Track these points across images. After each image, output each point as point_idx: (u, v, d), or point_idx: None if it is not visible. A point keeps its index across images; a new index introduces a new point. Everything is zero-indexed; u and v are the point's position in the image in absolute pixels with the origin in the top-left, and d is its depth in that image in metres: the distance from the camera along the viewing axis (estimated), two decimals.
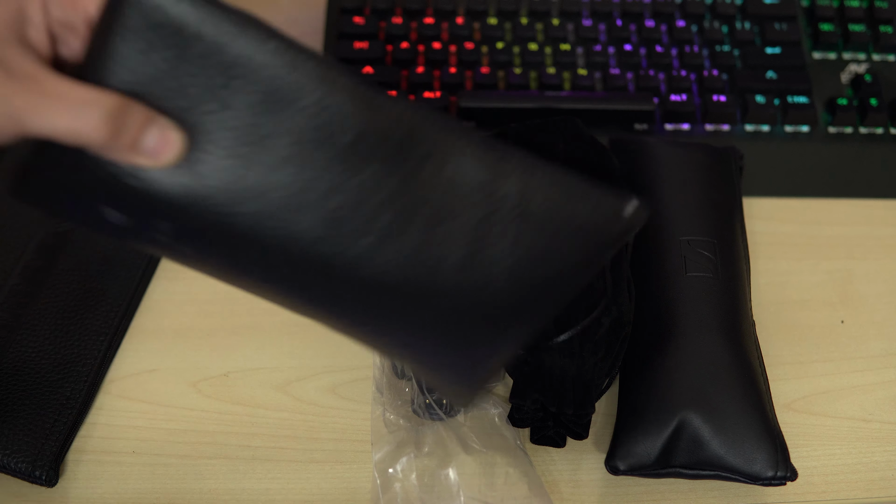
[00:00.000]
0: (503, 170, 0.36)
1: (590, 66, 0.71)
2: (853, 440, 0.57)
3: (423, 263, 0.35)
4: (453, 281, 0.35)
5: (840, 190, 0.68)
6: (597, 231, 0.37)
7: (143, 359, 0.58)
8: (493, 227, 0.35)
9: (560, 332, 0.52)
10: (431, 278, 0.35)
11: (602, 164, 0.60)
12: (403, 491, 0.53)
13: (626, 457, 0.52)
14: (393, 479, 0.53)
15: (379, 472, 0.53)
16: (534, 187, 0.35)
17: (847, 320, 0.62)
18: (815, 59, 0.72)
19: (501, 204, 0.35)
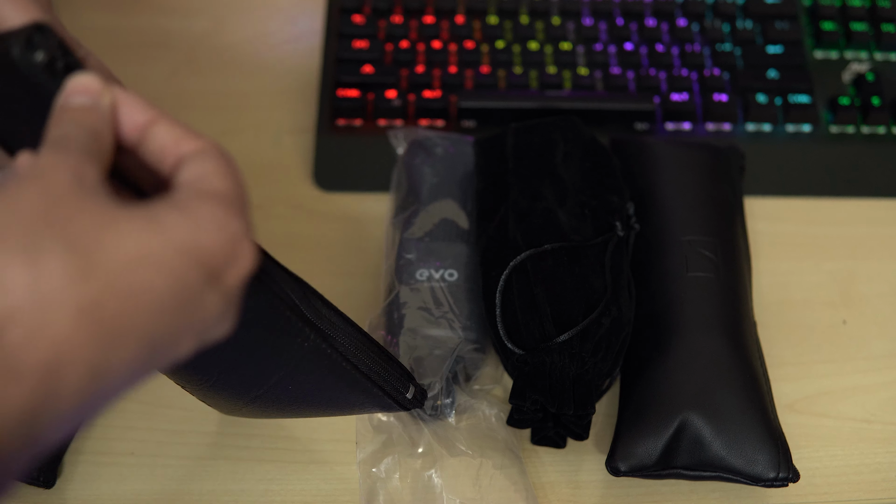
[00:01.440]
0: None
1: (590, 66, 0.70)
2: (855, 441, 0.57)
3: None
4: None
5: (842, 189, 0.68)
6: (384, 406, 0.49)
7: None
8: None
9: (560, 333, 0.52)
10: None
11: (602, 164, 0.60)
12: (386, 491, 0.53)
13: (627, 458, 0.52)
14: (376, 479, 0.53)
15: (362, 472, 0.53)
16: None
17: (849, 321, 0.62)
18: (816, 58, 0.72)
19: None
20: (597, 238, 0.56)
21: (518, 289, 0.54)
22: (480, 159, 0.62)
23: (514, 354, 0.53)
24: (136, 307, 0.28)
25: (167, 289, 0.29)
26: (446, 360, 0.55)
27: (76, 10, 0.74)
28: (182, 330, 0.31)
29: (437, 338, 0.56)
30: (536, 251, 0.55)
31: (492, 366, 0.58)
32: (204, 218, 0.31)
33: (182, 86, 0.71)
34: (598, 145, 0.61)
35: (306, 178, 0.67)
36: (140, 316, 0.29)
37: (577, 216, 0.56)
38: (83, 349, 0.27)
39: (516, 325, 0.54)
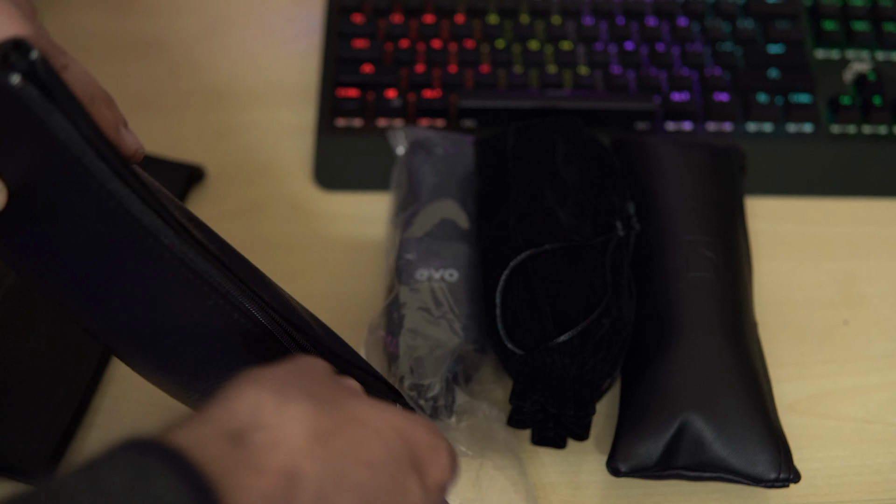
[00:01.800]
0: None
1: (591, 65, 0.70)
2: (856, 442, 0.57)
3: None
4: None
5: (843, 189, 0.67)
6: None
7: None
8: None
9: (560, 333, 0.52)
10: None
11: (603, 164, 0.60)
12: None
13: (627, 458, 0.52)
14: None
15: None
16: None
17: (850, 321, 0.62)
18: (817, 57, 0.72)
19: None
20: (597, 238, 0.56)
21: (518, 289, 0.54)
22: (480, 159, 0.62)
23: (515, 355, 0.53)
24: (357, 455, 0.33)
25: (383, 454, 0.34)
26: (446, 360, 0.55)
27: (75, 10, 0.74)
28: (390, 498, 0.34)
29: (437, 338, 0.55)
30: (537, 251, 0.55)
31: (492, 366, 0.58)
32: (418, 420, 0.37)
33: (181, 85, 0.71)
34: (599, 145, 0.61)
35: (306, 178, 0.67)
36: (360, 467, 0.33)
37: (578, 216, 0.56)
38: (314, 465, 0.32)
39: (516, 325, 0.53)
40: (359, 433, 0.34)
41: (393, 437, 0.35)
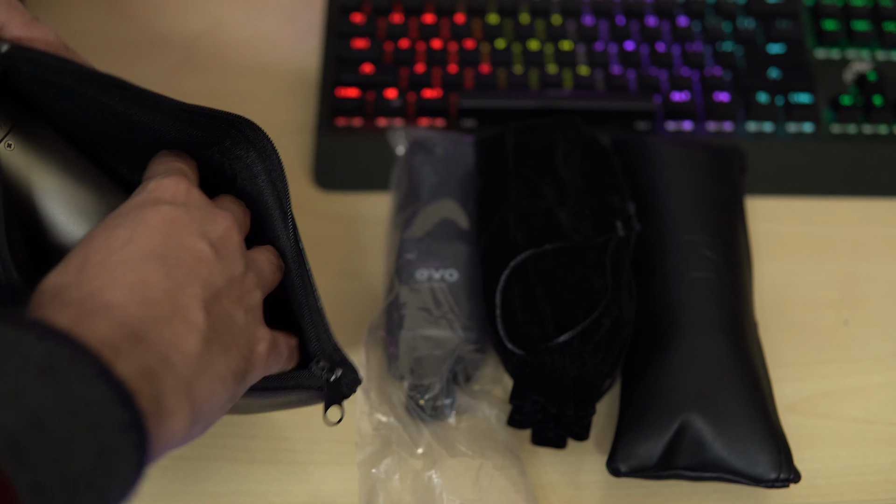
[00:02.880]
0: None
1: (591, 65, 0.70)
2: (857, 442, 0.57)
3: None
4: None
5: (843, 189, 0.67)
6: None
7: None
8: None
9: (560, 333, 0.52)
10: None
11: (603, 164, 0.60)
12: (386, 492, 0.53)
13: (627, 458, 0.52)
14: (376, 480, 0.53)
15: (362, 472, 0.53)
16: None
17: (851, 321, 0.61)
18: (818, 57, 0.72)
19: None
20: (597, 238, 0.56)
21: (518, 289, 0.54)
22: (480, 159, 0.62)
23: (515, 355, 0.53)
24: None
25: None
26: (446, 360, 0.55)
27: (74, 10, 0.74)
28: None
29: (437, 338, 0.55)
30: (537, 251, 0.54)
31: (492, 366, 0.58)
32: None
33: (180, 85, 0.71)
34: (599, 145, 0.61)
35: (306, 178, 0.67)
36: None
37: (578, 216, 0.56)
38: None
39: (516, 325, 0.53)
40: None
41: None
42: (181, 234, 0.39)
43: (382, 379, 0.56)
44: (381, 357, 0.57)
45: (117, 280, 0.36)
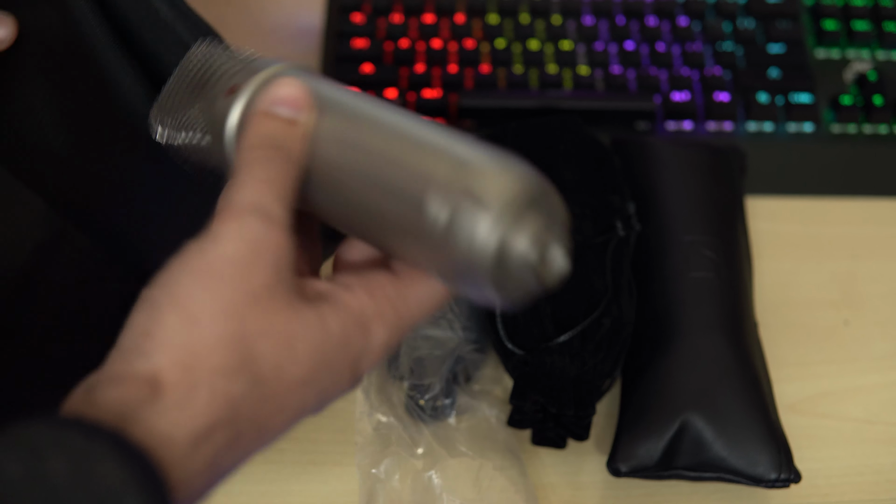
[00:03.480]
0: None
1: (591, 65, 0.70)
2: (857, 442, 0.57)
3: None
4: None
5: (844, 189, 0.67)
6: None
7: None
8: None
9: (560, 333, 0.52)
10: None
11: (602, 164, 0.60)
12: (386, 492, 0.53)
13: (627, 458, 0.52)
14: (376, 480, 0.53)
15: (362, 472, 0.53)
16: None
17: (851, 321, 0.61)
18: (818, 57, 0.72)
19: None
20: (597, 238, 0.55)
21: None
22: None
23: (515, 355, 0.53)
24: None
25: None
26: (446, 360, 0.55)
27: None
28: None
29: (437, 338, 0.55)
30: None
31: (492, 366, 0.58)
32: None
33: None
34: (599, 145, 0.61)
35: None
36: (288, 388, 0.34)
37: (578, 216, 0.56)
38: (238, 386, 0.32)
39: (516, 325, 0.53)
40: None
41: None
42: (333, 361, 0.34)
43: (382, 379, 0.56)
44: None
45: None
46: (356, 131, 0.35)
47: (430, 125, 0.35)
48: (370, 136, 0.35)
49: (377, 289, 0.35)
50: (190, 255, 0.32)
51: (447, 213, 0.32)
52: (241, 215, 0.33)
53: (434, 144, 0.34)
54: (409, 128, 0.35)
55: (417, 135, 0.35)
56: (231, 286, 0.32)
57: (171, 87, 0.40)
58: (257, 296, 0.32)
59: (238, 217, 0.33)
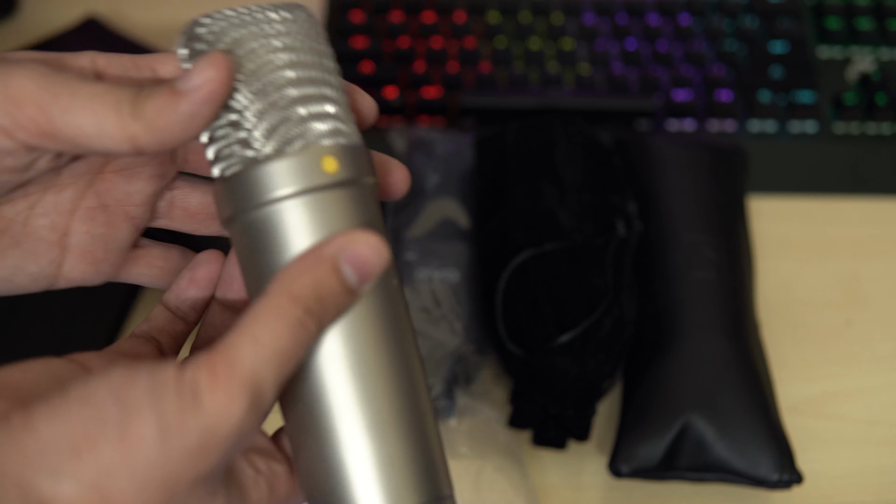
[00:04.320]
0: None
1: (592, 64, 0.70)
2: (860, 443, 0.56)
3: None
4: None
5: (846, 189, 0.67)
6: None
7: None
8: None
9: (561, 333, 0.52)
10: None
11: (603, 164, 0.60)
12: None
13: (629, 459, 0.52)
14: None
15: None
16: None
17: (854, 321, 0.61)
18: (821, 55, 0.72)
19: None
20: (598, 238, 0.55)
21: (519, 289, 0.54)
22: (481, 159, 0.62)
23: (515, 355, 0.53)
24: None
25: None
26: (447, 361, 0.55)
27: (74, 9, 0.74)
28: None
29: (438, 339, 0.55)
30: (537, 251, 0.54)
31: (492, 367, 0.58)
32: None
33: None
34: (600, 145, 0.61)
35: None
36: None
37: (579, 216, 0.56)
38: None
39: (517, 325, 0.53)
40: None
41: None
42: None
43: None
44: None
45: None
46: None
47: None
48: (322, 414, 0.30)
49: (278, 484, 0.32)
50: (162, 389, 0.27)
51: None
52: (236, 390, 0.27)
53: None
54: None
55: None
56: (185, 462, 0.27)
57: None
58: (200, 481, 0.28)
59: (232, 390, 0.27)
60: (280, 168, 0.29)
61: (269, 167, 0.29)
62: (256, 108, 0.30)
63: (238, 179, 0.30)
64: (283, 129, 0.30)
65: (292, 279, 0.29)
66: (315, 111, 0.30)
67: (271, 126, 0.30)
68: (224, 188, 0.30)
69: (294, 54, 0.31)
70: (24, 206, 0.33)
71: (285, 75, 0.30)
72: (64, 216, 0.34)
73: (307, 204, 0.29)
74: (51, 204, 0.34)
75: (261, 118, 0.30)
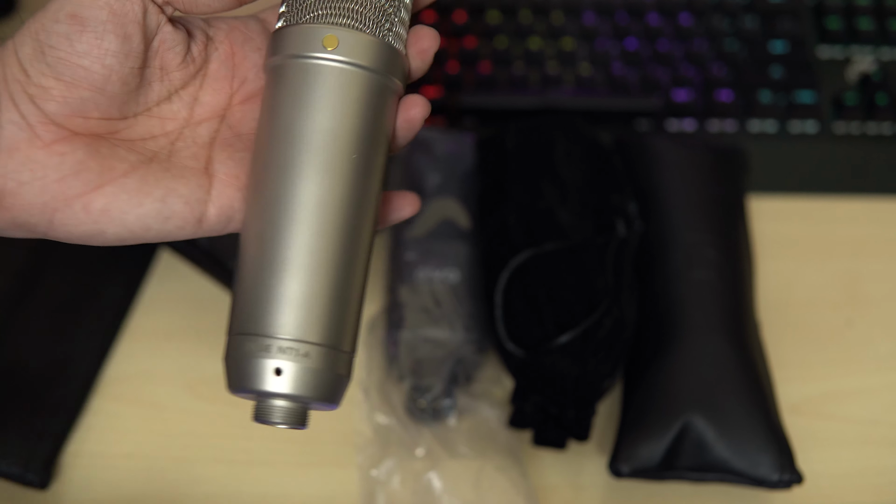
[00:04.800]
0: None
1: (592, 64, 0.70)
2: (860, 443, 0.56)
3: None
4: None
5: (847, 188, 0.67)
6: None
7: (138, 360, 0.58)
8: None
9: (561, 333, 0.52)
10: None
11: (604, 164, 0.60)
12: (386, 494, 0.52)
13: (629, 459, 0.52)
14: (376, 482, 0.53)
15: (362, 474, 0.53)
16: None
17: (854, 321, 0.61)
18: (821, 55, 0.71)
19: None
20: (598, 238, 0.55)
21: (519, 289, 0.54)
22: (481, 158, 0.62)
23: (515, 355, 0.53)
24: None
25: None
26: (447, 361, 0.55)
27: None
28: None
29: (438, 338, 0.55)
30: (537, 251, 0.54)
31: (492, 367, 0.58)
32: None
33: None
34: (600, 145, 0.61)
35: None
36: None
37: (579, 215, 0.56)
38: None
39: (517, 325, 0.53)
40: None
41: None
42: None
43: (382, 379, 0.56)
44: (381, 357, 0.57)
45: None
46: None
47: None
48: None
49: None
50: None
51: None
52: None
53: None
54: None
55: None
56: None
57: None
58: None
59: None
60: (290, 32, 0.35)
61: (280, 32, 0.36)
62: None
63: (271, 36, 0.37)
64: (306, 5, 0.36)
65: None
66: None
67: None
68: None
69: None
70: (165, 142, 0.36)
71: None
72: (204, 148, 0.37)
73: (299, 67, 0.35)
74: (189, 139, 0.37)
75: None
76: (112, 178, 0.34)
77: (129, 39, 0.34)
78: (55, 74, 0.33)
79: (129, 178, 0.34)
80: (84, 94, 0.34)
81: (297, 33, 0.35)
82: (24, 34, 0.34)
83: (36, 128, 0.33)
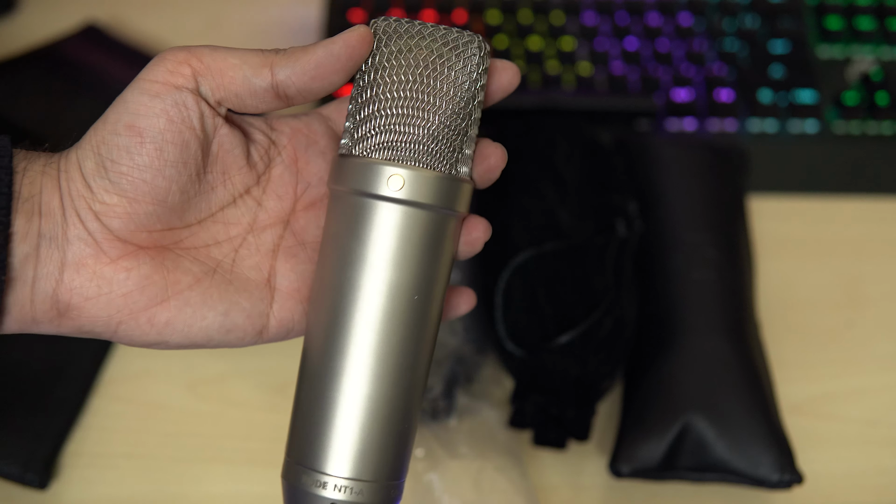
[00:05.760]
0: None
1: (592, 63, 0.70)
2: (861, 444, 0.56)
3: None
4: None
5: (847, 188, 0.67)
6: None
7: (138, 360, 0.58)
8: None
9: (561, 333, 0.52)
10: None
11: (604, 164, 0.60)
12: None
13: (629, 459, 0.52)
14: None
15: None
16: None
17: (854, 321, 0.61)
18: (822, 55, 0.71)
19: None
20: (598, 238, 0.55)
21: (519, 289, 0.54)
22: None
23: (515, 355, 0.53)
24: None
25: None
26: (447, 361, 0.55)
27: (72, 9, 0.74)
28: None
29: (438, 339, 0.55)
30: (538, 251, 0.54)
31: (493, 367, 0.58)
32: None
33: None
34: (600, 145, 0.61)
35: None
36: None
37: (579, 215, 0.56)
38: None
39: (517, 325, 0.53)
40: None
41: None
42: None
43: None
44: None
45: None
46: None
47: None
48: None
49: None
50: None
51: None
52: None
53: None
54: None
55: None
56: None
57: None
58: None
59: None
60: (355, 165, 0.35)
61: (345, 161, 0.35)
62: (371, 107, 0.35)
63: (335, 159, 0.36)
64: (373, 134, 0.35)
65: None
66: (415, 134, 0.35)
67: (368, 127, 0.35)
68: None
69: (444, 84, 0.36)
70: (229, 248, 0.36)
71: (421, 95, 0.35)
72: (267, 257, 0.37)
73: (362, 204, 0.34)
74: (253, 246, 0.37)
75: (365, 115, 0.35)
76: (177, 292, 0.34)
77: (187, 147, 0.34)
78: (118, 191, 0.33)
79: (193, 292, 0.34)
80: (147, 209, 0.33)
81: (363, 169, 0.34)
82: (85, 146, 0.33)
83: (102, 244, 0.33)
